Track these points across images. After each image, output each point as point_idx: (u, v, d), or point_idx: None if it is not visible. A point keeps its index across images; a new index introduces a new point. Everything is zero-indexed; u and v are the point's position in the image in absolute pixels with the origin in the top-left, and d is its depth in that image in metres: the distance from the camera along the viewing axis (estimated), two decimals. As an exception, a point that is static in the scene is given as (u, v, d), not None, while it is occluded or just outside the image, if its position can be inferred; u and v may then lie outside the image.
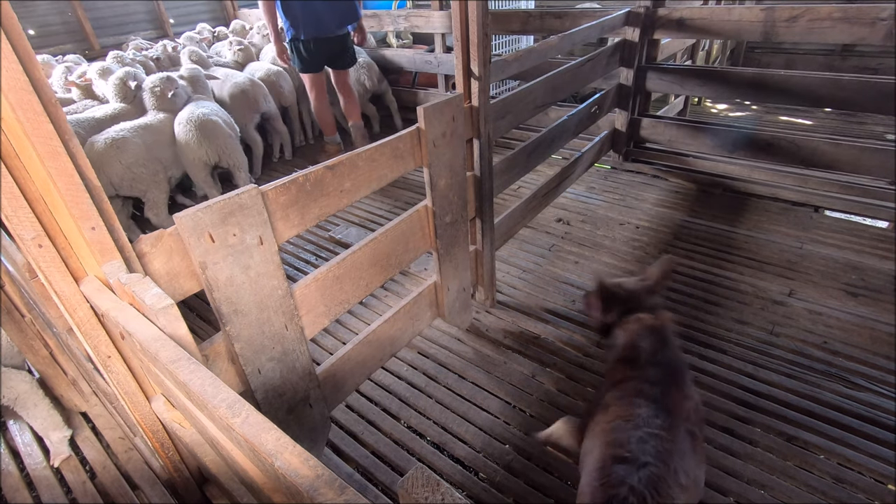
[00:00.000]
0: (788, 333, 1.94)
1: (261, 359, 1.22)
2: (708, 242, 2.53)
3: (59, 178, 0.85)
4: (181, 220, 0.99)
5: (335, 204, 1.31)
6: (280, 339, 1.25)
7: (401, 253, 1.61)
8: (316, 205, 1.26)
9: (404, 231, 1.59)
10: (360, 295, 1.49)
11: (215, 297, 1.08)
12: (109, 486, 1.54)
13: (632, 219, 2.80)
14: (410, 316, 1.78)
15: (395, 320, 1.70)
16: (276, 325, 1.22)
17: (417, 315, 1.81)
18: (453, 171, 1.66)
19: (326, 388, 1.48)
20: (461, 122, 1.63)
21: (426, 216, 1.66)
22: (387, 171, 1.45)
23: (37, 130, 0.80)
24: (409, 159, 1.50)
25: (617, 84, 3.03)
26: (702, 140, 2.96)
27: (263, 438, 0.63)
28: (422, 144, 1.52)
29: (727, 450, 1.52)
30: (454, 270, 1.86)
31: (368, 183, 1.40)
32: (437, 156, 1.57)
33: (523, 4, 5.12)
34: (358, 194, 1.38)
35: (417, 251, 1.67)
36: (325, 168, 1.24)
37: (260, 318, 1.18)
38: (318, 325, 1.38)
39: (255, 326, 1.17)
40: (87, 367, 1.34)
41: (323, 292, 1.36)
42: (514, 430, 1.64)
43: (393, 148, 1.44)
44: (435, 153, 1.55)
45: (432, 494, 0.52)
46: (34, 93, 0.78)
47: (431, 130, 1.51)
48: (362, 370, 1.63)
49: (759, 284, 2.21)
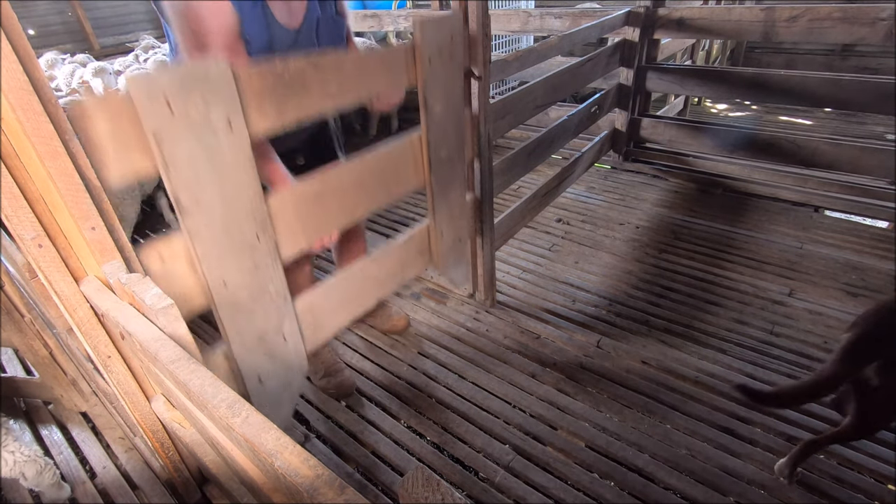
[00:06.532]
0: (788, 333, 1.94)
1: (227, 268, 1.06)
2: (708, 242, 2.53)
3: (59, 178, 0.85)
4: (133, 82, 0.83)
5: (317, 105, 1.17)
6: (250, 251, 1.10)
7: (391, 183, 1.47)
8: (296, 100, 1.11)
9: (395, 159, 1.46)
10: (343, 220, 1.36)
11: (172, 180, 0.92)
12: (109, 486, 1.54)
13: (632, 219, 2.80)
14: (400, 260, 1.63)
15: (383, 260, 1.56)
16: (245, 231, 1.07)
17: (407, 260, 1.68)
18: (450, 99, 1.52)
19: (304, 323, 1.32)
20: (459, 45, 1.50)
21: (420, 147, 1.52)
22: (376, 84, 1.31)
23: (37, 130, 0.80)
24: (401, 75, 1.37)
25: (617, 84, 3.03)
26: (702, 140, 2.96)
27: (263, 438, 0.63)
28: (417, 61, 1.38)
29: (727, 450, 1.52)
30: (449, 216, 1.72)
31: (357, 91, 1.26)
32: (433, 76, 1.43)
33: (523, 4, 5.12)
34: (343, 100, 1.24)
35: (408, 184, 1.53)
36: (308, 62, 1.11)
37: (227, 217, 1.03)
38: (294, 246, 1.23)
39: (219, 227, 1.02)
40: (87, 367, 1.34)
41: (301, 209, 1.22)
42: (514, 430, 1.64)
43: (384, 59, 1.31)
44: (430, 72, 1.42)
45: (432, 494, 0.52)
46: (34, 93, 0.78)
47: (427, 46, 1.37)
48: (344, 311, 1.47)
49: (759, 284, 2.21)
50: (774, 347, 1.88)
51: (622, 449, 1.55)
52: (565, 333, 2.01)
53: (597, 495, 1.43)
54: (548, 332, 2.02)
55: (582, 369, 1.84)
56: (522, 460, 1.54)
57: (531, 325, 2.07)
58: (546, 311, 2.14)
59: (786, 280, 2.23)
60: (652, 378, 1.78)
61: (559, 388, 1.77)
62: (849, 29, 2.31)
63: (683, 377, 1.77)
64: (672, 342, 1.93)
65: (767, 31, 2.51)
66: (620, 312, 2.11)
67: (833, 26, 2.34)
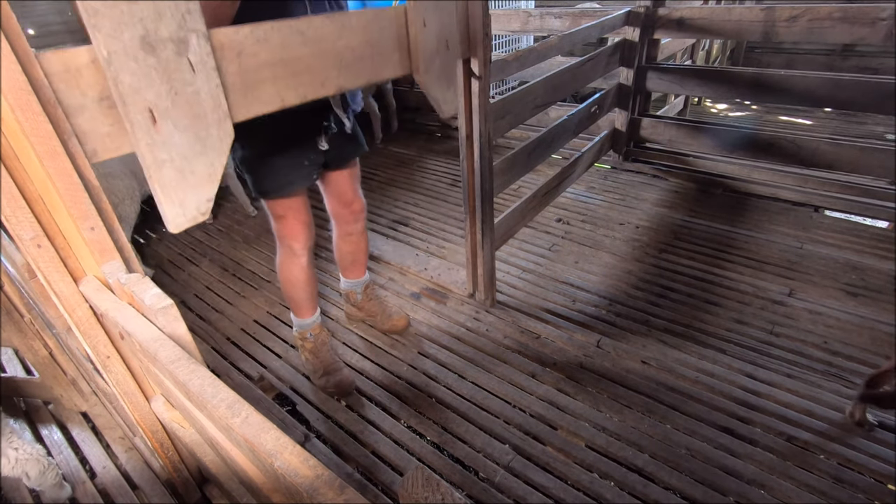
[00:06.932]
0: (788, 333, 1.94)
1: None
2: (708, 242, 2.53)
3: (58, 178, 0.84)
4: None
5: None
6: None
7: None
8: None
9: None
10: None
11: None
12: (109, 486, 1.54)
13: (632, 218, 2.79)
14: (369, 41, 1.25)
15: (347, 31, 1.19)
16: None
17: (380, 44, 1.28)
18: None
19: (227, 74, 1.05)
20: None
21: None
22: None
23: (36, 130, 0.80)
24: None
25: (617, 84, 3.03)
26: (702, 140, 2.96)
27: (263, 438, 0.63)
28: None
29: (727, 450, 1.52)
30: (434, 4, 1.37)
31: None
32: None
33: (523, 4, 5.12)
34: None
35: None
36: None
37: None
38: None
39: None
40: (87, 366, 1.34)
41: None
42: (514, 429, 1.64)
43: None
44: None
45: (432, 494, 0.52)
46: (33, 93, 0.78)
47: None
48: (293, 80, 1.13)
49: (759, 284, 2.21)
50: (774, 347, 1.88)
51: (622, 449, 1.55)
52: (565, 333, 2.01)
53: (597, 495, 1.43)
54: (548, 331, 2.02)
55: (582, 369, 1.84)
56: (522, 460, 1.54)
57: (531, 324, 2.06)
58: (546, 311, 2.14)
59: (786, 280, 2.23)
60: (652, 378, 1.78)
61: (559, 388, 1.77)
62: (849, 29, 2.31)
63: (683, 377, 1.77)
64: (672, 342, 1.93)
65: (767, 31, 2.51)
66: (620, 312, 2.11)
67: (833, 26, 2.34)
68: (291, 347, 2.05)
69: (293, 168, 1.49)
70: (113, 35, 0.81)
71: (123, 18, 0.81)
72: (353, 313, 2.13)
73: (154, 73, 0.88)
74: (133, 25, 0.83)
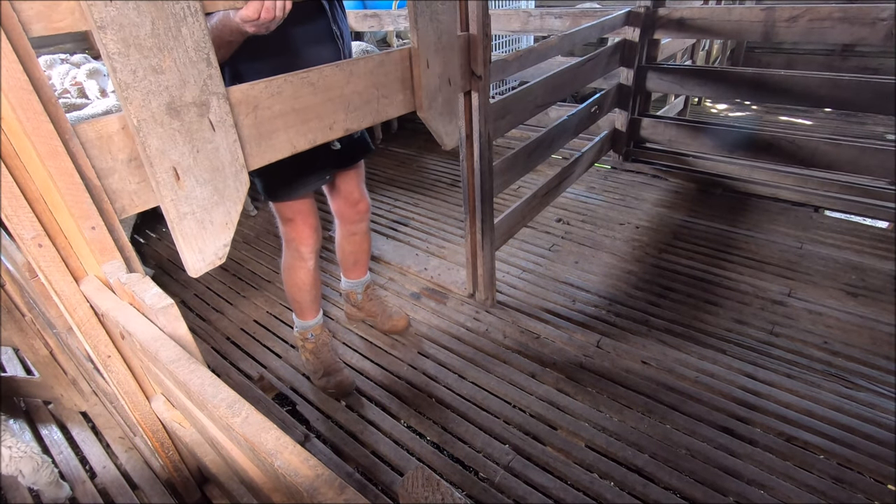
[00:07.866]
0: (788, 333, 1.94)
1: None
2: (708, 242, 2.53)
3: (59, 177, 0.85)
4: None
5: None
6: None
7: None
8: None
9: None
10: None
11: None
12: (109, 485, 1.54)
13: (632, 218, 2.80)
14: (375, 84, 1.32)
15: (355, 77, 1.26)
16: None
17: (385, 86, 1.35)
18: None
19: (243, 126, 1.10)
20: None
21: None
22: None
23: (37, 130, 0.80)
24: None
25: (617, 84, 3.03)
26: (702, 140, 2.96)
27: (263, 438, 0.63)
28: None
29: (727, 450, 1.53)
30: (436, 38, 1.42)
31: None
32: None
33: (523, 4, 5.12)
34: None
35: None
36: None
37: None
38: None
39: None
40: (87, 366, 1.34)
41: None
42: (514, 429, 1.64)
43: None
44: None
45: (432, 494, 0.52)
46: (34, 92, 0.78)
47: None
48: (304, 127, 1.20)
49: (759, 284, 2.21)
50: (774, 347, 1.88)
51: (622, 449, 1.55)
52: (565, 333, 2.01)
53: (597, 495, 1.43)
54: (548, 331, 2.02)
55: (582, 369, 1.84)
56: (522, 460, 1.54)
57: (531, 324, 2.07)
58: (546, 311, 2.14)
59: (786, 280, 2.23)
60: (652, 378, 1.78)
61: (559, 388, 1.77)
62: (849, 29, 2.31)
63: (683, 377, 1.77)
64: (672, 342, 1.93)
65: (767, 31, 2.51)
66: (620, 312, 2.11)
67: (833, 26, 2.34)
68: (291, 347, 2.05)
69: (306, 170, 1.48)
70: (143, 105, 0.89)
71: (151, 88, 0.88)
72: (353, 313, 2.13)
73: (178, 135, 0.94)
74: (160, 94, 0.90)
